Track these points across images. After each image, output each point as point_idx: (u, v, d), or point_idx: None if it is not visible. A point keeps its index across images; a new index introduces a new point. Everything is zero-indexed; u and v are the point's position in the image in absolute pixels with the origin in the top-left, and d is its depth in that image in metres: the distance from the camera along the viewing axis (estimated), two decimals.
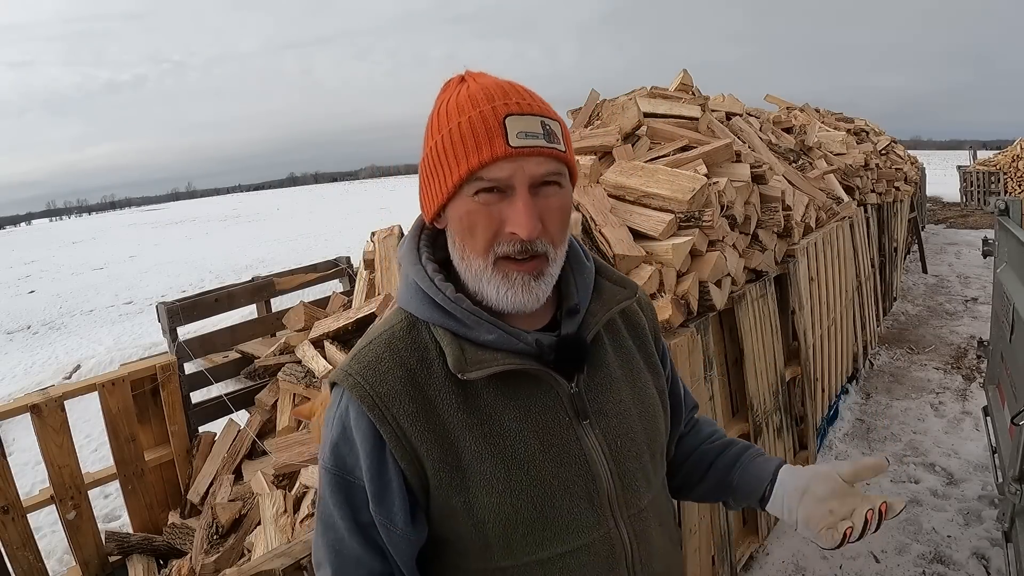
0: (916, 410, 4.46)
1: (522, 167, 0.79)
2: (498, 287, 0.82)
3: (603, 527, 0.89)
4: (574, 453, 0.87)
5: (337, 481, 0.85)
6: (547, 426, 0.86)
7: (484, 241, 0.81)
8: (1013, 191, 14.99)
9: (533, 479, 0.84)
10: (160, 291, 12.60)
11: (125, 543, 2.99)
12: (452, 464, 0.83)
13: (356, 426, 0.83)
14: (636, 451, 0.92)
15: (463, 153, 0.79)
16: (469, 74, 0.86)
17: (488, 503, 0.83)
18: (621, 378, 0.94)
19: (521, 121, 0.79)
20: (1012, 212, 2.84)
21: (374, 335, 0.89)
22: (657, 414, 0.98)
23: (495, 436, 0.84)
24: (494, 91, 0.81)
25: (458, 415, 0.83)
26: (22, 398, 3.02)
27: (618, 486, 0.90)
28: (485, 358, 0.83)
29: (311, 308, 3.37)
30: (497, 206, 0.80)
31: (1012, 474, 2.15)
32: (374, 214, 24.31)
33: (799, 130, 5.17)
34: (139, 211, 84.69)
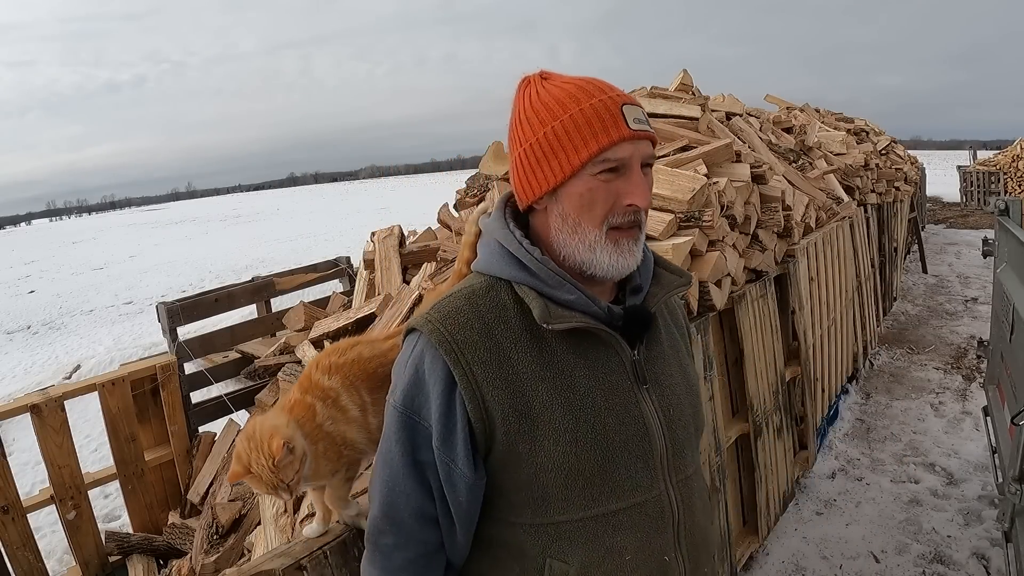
0: (916, 410, 4.46)
1: (638, 148, 0.91)
2: (610, 254, 0.92)
3: (656, 488, 0.96)
4: (634, 414, 0.94)
5: (403, 420, 0.92)
6: (612, 386, 0.94)
7: (602, 213, 0.91)
8: (1013, 191, 14.99)
9: (598, 433, 0.91)
10: (160, 291, 12.59)
11: (125, 543, 2.99)
12: (522, 411, 0.89)
13: (431, 368, 0.89)
14: (684, 422, 1.01)
15: (589, 135, 0.88)
16: (546, 72, 0.97)
17: (553, 451, 0.89)
18: (671, 354, 1.04)
19: (634, 109, 0.91)
20: (1012, 212, 2.84)
21: (453, 291, 0.96)
22: (699, 393, 1.08)
23: (566, 388, 0.91)
24: (601, 85, 0.93)
25: (532, 367, 0.90)
26: (22, 398, 3.02)
27: (670, 451, 0.97)
28: (565, 315, 0.91)
29: (311, 308, 3.37)
30: (614, 183, 0.90)
31: (1012, 474, 2.15)
32: (374, 214, 24.31)
33: (799, 130, 5.17)
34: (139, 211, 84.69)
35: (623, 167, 0.90)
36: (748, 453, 2.89)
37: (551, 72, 0.97)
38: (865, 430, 4.22)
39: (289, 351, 3.32)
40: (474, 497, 0.92)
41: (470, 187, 3.07)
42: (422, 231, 3.28)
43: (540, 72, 0.97)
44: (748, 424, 2.83)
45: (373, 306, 2.61)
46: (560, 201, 0.93)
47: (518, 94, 0.97)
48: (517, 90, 0.97)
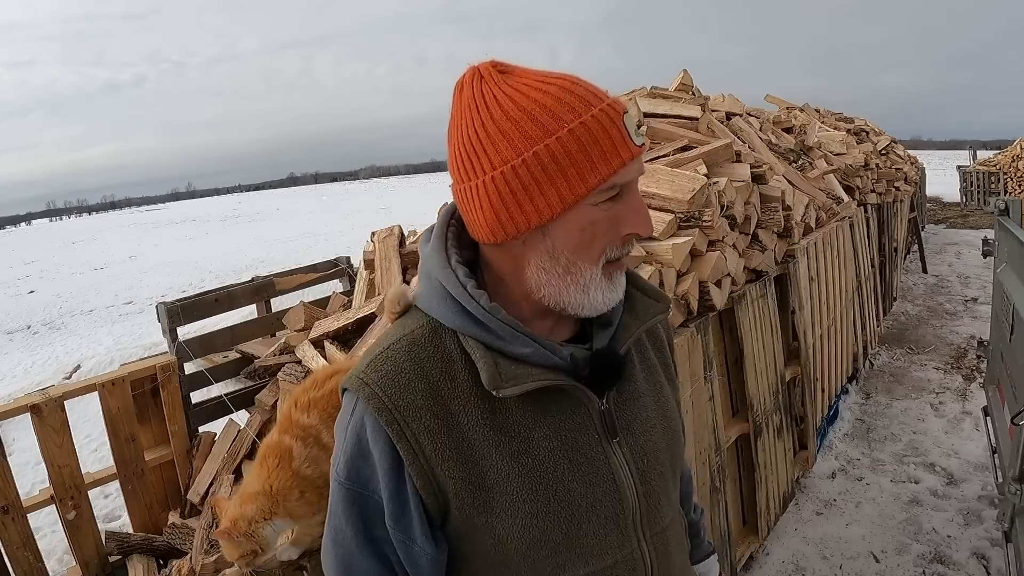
0: (916, 410, 4.46)
1: (639, 164, 0.76)
2: (604, 291, 0.79)
3: (627, 547, 0.86)
4: (603, 472, 0.83)
5: (351, 495, 0.81)
6: (577, 444, 0.82)
7: (601, 248, 0.77)
8: (1013, 191, 14.98)
9: (561, 500, 0.80)
10: (160, 291, 12.59)
11: (125, 543, 2.99)
12: (476, 484, 0.78)
13: (373, 440, 0.78)
14: (660, 469, 0.90)
15: (599, 157, 0.72)
16: (499, 64, 0.77)
17: (512, 524, 0.79)
18: (647, 392, 0.91)
19: (631, 119, 0.75)
20: (1012, 212, 2.84)
21: (392, 339, 0.82)
22: (678, 429, 0.96)
23: (523, 455, 0.79)
24: (585, 87, 0.74)
25: (484, 431, 0.78)
26: (22, 398, 3.01)
27: (643, 505, 0.87)
28: (520, 373, 0.77)
29: (311, 308, 3.36)
30: (613, 210, 0.76)
31: (1012, 474, 2.15)
32: (374, 214, 24.30)
33: (799, 130, 5.17)
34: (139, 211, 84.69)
35: (623, 189, 0.76)
36: (748, 453, 2.89)
37: (507, 64, 0.77)
38: (865, 430, 4.22)
39: (289, 351, 3.31)
40: (437, 571, 0.83)
41: None
42: (422, 231, 3.28)
43: (492, 63, 0.77)
44: (748, 424, 2.83)
45: (373, 306, 2.61)
46: (550, 237, 0.76)
47: (466, 92, 0.76)
48: (462, 86, 0.77)
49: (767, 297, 3.04)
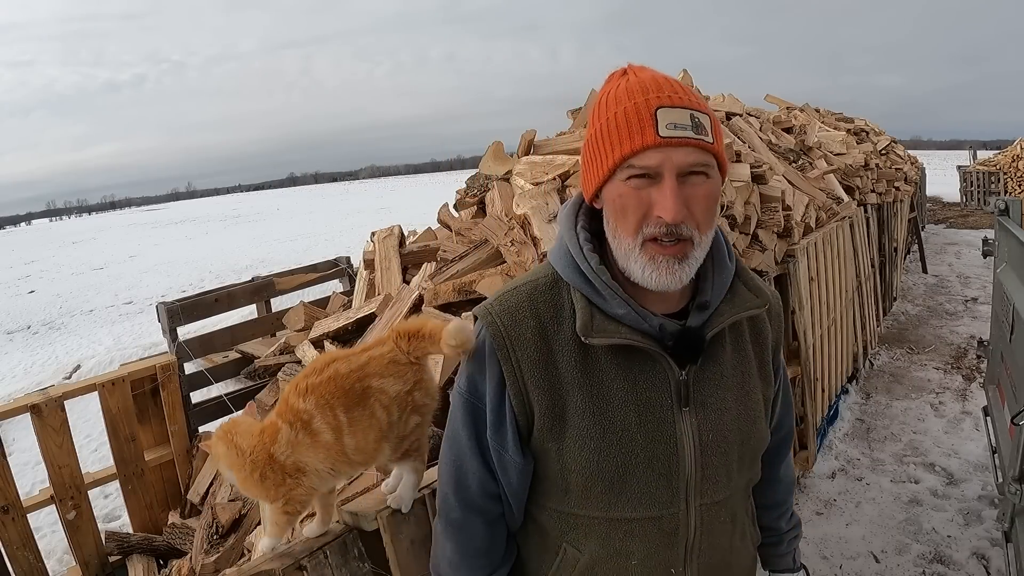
0: (916, 410, 4.46)
1: (670, 156, 0.85)
2: (644, 266, 0.88)
3: (674, 507, 0.96)
4: (667, 434, 0.94)
5: (467, 405, 0.98)
6: (649, 403, 0.93)
7: (634, 222, 0.88)
8: (1013, 191, 14.98)
9: (622, 446, 0.93)
10: (160, 291, 12.59)
11: (125, 543, 2.99)
12: (557, 414, 0.93)
13: (489, 359, 0.94)
14: (724, 448, 0.97)
15: (618, 140, 0.86)
16: (631, 67, 0.93)
17: (578, 455, 0.93)
18: (731, 378, 0.99)
19: (672, 113, 0.85)
20: (1012, 212, 2.84)
21: (520, 282, 0.98)
22: (757, 420, 1.02)
23: (600, 399, 0.93)
24: (649, 84, 0.88)
25: (574, 372, 0.93)
26: (22, 398, 3.01)
27: (698, 475, 0.95)
28: (610, 328, 0.91)
29: (311, 308, 3.37)
30: (647, 191, 0.86)
31: (1012, 474, 2.15)
32: (374, 214, 24.30)
33: (799, 130, 5.17)
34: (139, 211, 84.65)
35: (656, 175, 0.86)
36: None
37: (638, 67, 0.93)
38: (865, 430, 4.22)
39: (289, 351, 3.31)
40: (523, 479, 0.98)
41: (470, 187, 3.07)
42: (422, 231, 3.28)
43: (627, 66, 0.94)
44: None
45: (373, 306, 2.60)
46: (604, 203, 0.93)
47: (602, 87, 0.95)
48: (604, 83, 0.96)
49: None
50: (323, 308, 3.37)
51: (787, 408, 1.17)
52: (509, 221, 2.53)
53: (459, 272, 2.46)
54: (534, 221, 2.54)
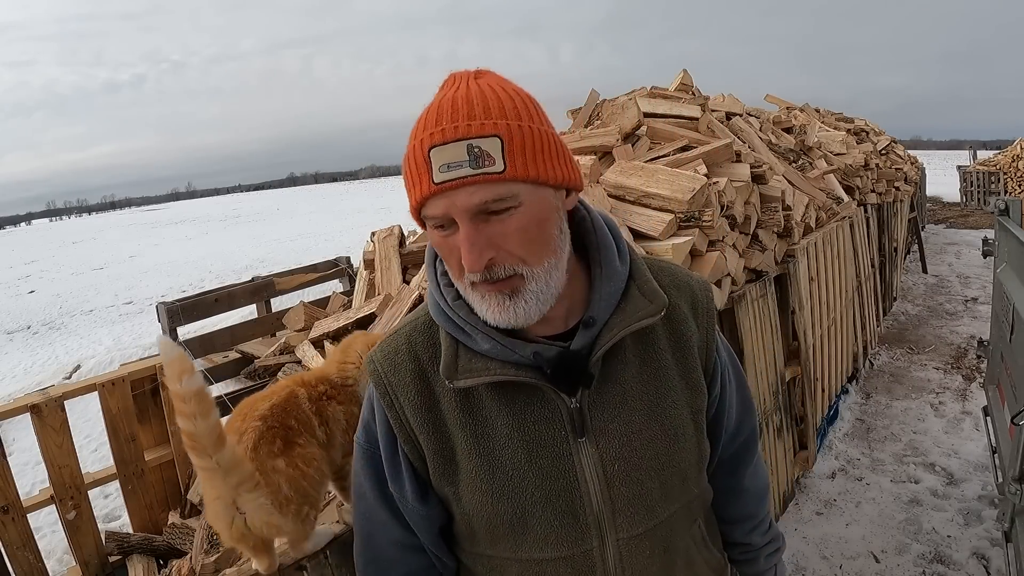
0: (916, 410, 4.46)
1: (453, 201, 0.74)
2: (479, 305, 0.81)
3: (585, 544, 0.88)
4: (563, 468, 0.86)
5: (365, 454, 0.93)
6: (539, 438, 0.86)
7: (455, 266, 0.81)
8: (1013, 191, 14.98)
9: (515, 487, 0.86)
10: (160, 291, 12.59)
11: (125, 543, 2.99)
12: (447, 457, 0.87)
13: (377, 408, 0.91)
14: (637, 477, 0.88)
15: (409, 187, 0.78)
16: (452, 77, 0.82)
17: (472, 499, 0.88)
18: (638, 396, 0.89)
19: (444, 152, 0.74)
20: (1012, 212, 2.84)
21: (400, 325, 0.94)
22: (681, 437, 0.91)
23: (485, 439, 0.86)
24: (428, 119, 0.77)
25: (456, 413, 0.87)
26: (22, 398, 3.01)
27: (608, 508, 0.88)
28: (477, 367, 0.83)
29: (311, 308, 3.37)
30: (453, 237, 0.77)
31: (1012, 474, 2.15)
32: (374, 214, 24.29)
33: (799, 130, 5.17)
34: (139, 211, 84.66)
35: (451, 222, 0.76)
36: None
37: (458, 81, 0.80)
38: (865, 430, 4.22)
39: (289, 351, 3.32)
40: (430, 526, 0.93)
41: None
42: (422, 231, 3.28)
43: (449, 75, 0.82)
44: None
45: (373, 306, 2.60)
46: None
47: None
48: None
49: (767, 297, 3.04)
50: (323, 308, 3.37)
51: (744, 408, 1.04)
52: None
53: None
54: None
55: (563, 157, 0.81)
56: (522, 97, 0.80)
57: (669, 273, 0.94)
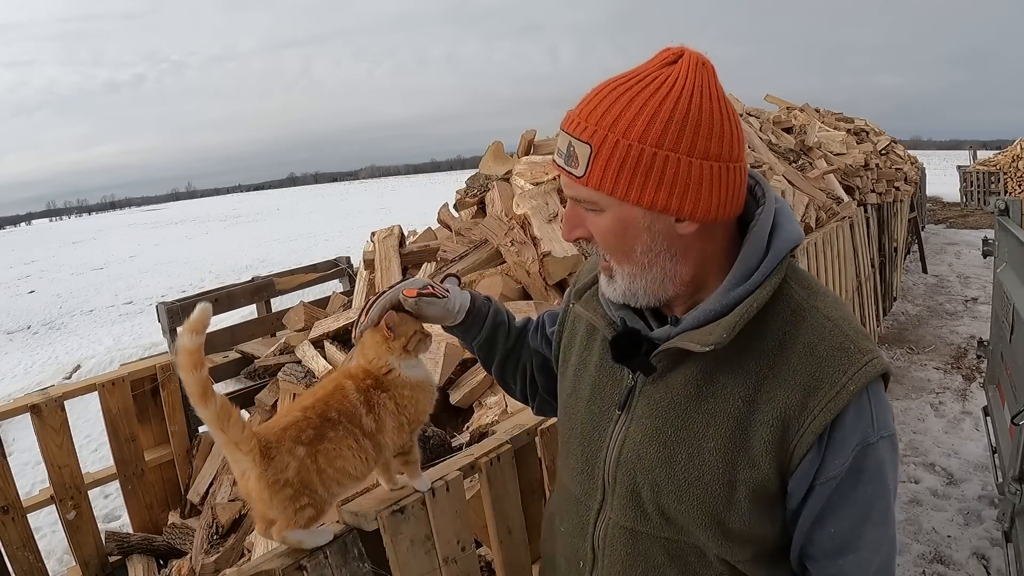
0: (916, 410, 4.46)
1: (568, 183, 0.82)
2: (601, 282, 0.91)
3: (592, 498, 0.94)
4: (602, 424, 0.94)
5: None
6: (603, 389, 0.95)
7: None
8: (1013, 191, 14.99)
9: (574, 413, 0.99)
10: (160, 291, 12.59)
11: (125, 543, 2.99)
12: (566, 356, 1.05)
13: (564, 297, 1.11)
14: (635, 476, 0.88)
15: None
16: (665, 55, 0.80)
17: (559, 400, 1.05)
18: (681, 413, 0.85)
19: (560, 137, 0.81)
20: (1012, 212, 2.84)
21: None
22: (699, 482, 0.83)
23: (581, 365, 1.00)
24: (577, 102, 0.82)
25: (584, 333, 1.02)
26: (22, 398, 3.01)
27: (611, 484, 0.92)
28: (591, 305, 0.95)
29: (311, 308, 3.37)
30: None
31: (1012, 474, 2.15)
32: (374, 214, 24.30)
33: (799, 130, 5.17)
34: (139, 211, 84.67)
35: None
36: None
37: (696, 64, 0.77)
38: None
39: (289, 351, 3.32)
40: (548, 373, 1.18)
41: (470, 187, 3.07)
42: (422, 231, 3.29)
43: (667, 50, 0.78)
44: None
45: None
46: None
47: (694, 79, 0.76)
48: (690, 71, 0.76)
49: None
50: (323, 308, 3.37)
51: (855, 550, 0.83)
52: (509, 221, 2.53)
53: (459, 272, 2.46)
54: (534, 221, 2.54)
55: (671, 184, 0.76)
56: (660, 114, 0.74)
57: (820, 334, 0.81)
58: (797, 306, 0.83)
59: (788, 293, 0.83)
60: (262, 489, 0.99)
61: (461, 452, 1.37)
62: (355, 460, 1.04)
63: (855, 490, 0.81)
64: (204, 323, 0.94)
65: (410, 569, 1.19)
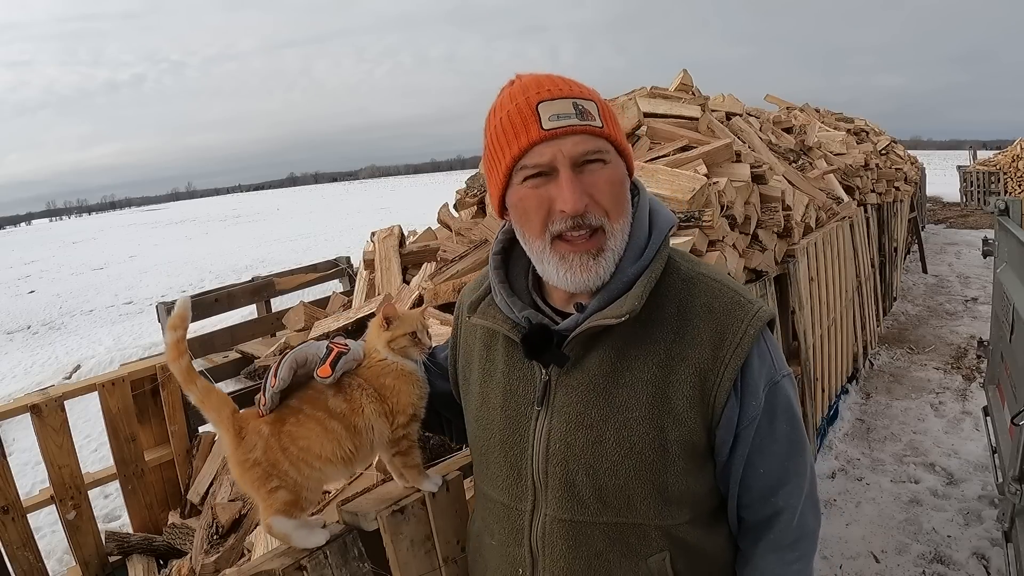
0: (916, 410, 4.46)
1: (560, 148, 0.83)
2: (557, 267, 0.87)
3: (522, 503, 0.95)
4: (521, 426, 0.95)
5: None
6: (515, 391, 0.96)
7: (538, 222, 0.86)
8: (1013, 191, 14.98)
9: (488, 422, 0.99)
10: (160, 291, 12.59)
11: (125, 543, 2.99)
12: (465, 376, 1.07)
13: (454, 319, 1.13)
14: (571, 465, 0.90)
15: (506, 144, 0.86)
16: (518, 76, 0.91)
17: (467, 417, 1.06)
18: (602, 392, 0.89)
19: (553, 105, 0.84)
20: (1012, 212, 2.84)
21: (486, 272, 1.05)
22: (634, 452, 0.88)
23: (488, 373, 1.00)
24: (529, 84, 0.87)
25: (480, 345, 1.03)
26: (22, 398, 3.01)
27: (543, 480, 0.93)
28: (489, 313, 0.97)
29: (311, 308, 3.37)
30: (545, 188, 0.85)
31: (1012, 474, 2.15)
32: (374, 214, 24.29)
33: (799, 130, 5.17)
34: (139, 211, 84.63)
35: (551, 170, 0.84)
36: None
37: (524, 74, 0.91)
38: (865, 430, 4.22)
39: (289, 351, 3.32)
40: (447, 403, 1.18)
41: (470, 187, 3.07)
42: (422, 231, 3.28)
43: (515, 76, 0.92)
44: None
45: (373, 306, 2.60)
46: (509, 212, 0.93)
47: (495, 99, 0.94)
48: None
49: (767, 297, 3.04)
50: (323, 308, 3.37)
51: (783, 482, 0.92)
52: None
53: (459, 272, 2.46)
54: None
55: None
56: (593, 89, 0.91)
57: (712, 294, 0.90)
58: (686, 275, 0.93)
59: (674, 266, 0.93)
60: (234, 468, 1.04)
61: (461, 452, 1.37)
62: (321, 440, 1.04)
63: (773, 428, 0.91)
64: (183, 317, 1.05)
65: (410, 569, 1.19)
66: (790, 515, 0.95)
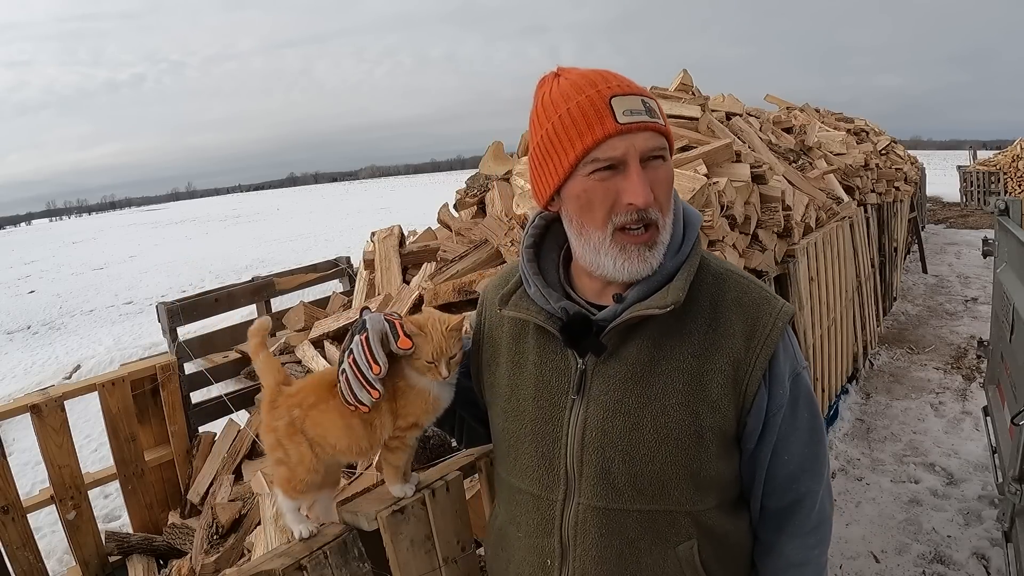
0: (916, 410, 4.46)
1: (632, 143, 0.86)
2: (615, 258, 0.90)
3: (553, 492, 0.97)
4: (555, 417, 0.96)
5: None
6: (548, 382, 0.97)
7: (602, 214, 0.88)
8: (1013, 191, 14.98)
9: (519, 415, 1.00)
10: (160, 291, 12.59)
11: (125, 543, 2.99)
12: (491, 369, 1.06)
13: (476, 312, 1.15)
14: (608, 453, 0.92)
15: (576, 135, 0.86)
16: (561, 69, 0.93)
17: (493, 412, 1.06)
18: (640, 381, 0.92)
19: (626, 101, 0.86)
20: (1012, 212, 2.84)
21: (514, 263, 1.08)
22: (670, 439, 0.91)
23: (516, 367, 1.02)
24: (594, 78, 0.89)
25: (510, 341, 1.04)
26: (22, 398, 3.01)
27: (577, 470, 0.94)
28: (523, 305, 0.98)
29: (311, 308, 3.37)
30: (612, 181, 0.87)
31: (1012, 474, 2.15)
32: (374, 214, 24.29)
33: (799, 130, 5.17)
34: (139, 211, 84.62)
35: (620, 164, 0.86)
36: None
37: (567, 68, 0.94)
38: (865, 430, 4.22)
39: (289, 351, 3.32)
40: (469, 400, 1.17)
41: (470, 187, 3.07)
42: (422, 231, 3.28)
43: (557, 69, 0.94)
44: None
45: (373, 306, 2.60)
46: (564, 203, 0.93)
47: (535, 93, 0.95)
48: (536, 88, 0.95)
49: None
50: (323, 308, 3.37)
51: (805, 469, 0.97)
52: (509, 221, 2.53)
53: (459, 272, 2.46)
54: None
55: None
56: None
57: (742, 290, 0.95)
58: (716, 271, 0.97)
59: (706, 262, 0.98)
60: (260, 429, 1.12)
61: (461, 452, 1.37)
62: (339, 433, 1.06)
63: (796, 417, 0.96)
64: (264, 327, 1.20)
65: (410, 569, 1.19)
66: (811, 501, 0.99)
